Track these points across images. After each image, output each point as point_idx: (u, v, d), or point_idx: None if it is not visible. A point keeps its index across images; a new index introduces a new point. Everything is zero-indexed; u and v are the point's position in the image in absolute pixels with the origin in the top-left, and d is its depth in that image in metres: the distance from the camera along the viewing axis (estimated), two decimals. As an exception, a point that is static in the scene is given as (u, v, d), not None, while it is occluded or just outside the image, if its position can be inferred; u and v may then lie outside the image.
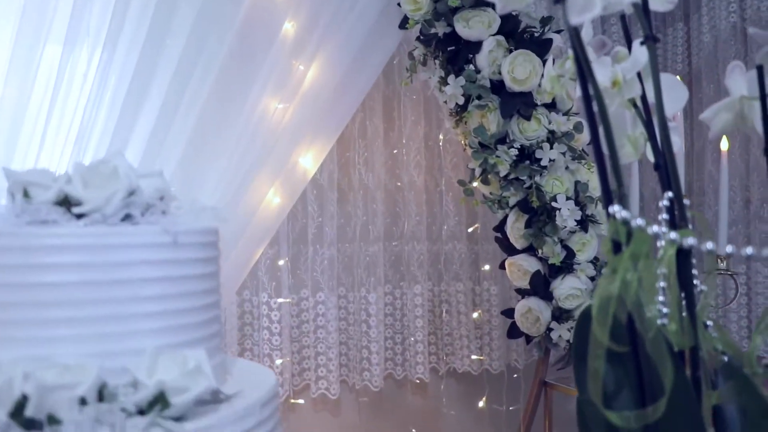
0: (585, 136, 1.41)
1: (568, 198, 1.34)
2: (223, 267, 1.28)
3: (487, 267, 1.66)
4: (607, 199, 0.46)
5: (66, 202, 0.50)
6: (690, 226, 0.56)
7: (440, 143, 1.63)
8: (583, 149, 1.41)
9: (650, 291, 0.52)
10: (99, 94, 1.18)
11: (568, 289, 1.36)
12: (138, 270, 0.46)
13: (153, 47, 1.23)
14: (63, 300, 0.43)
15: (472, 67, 1.35)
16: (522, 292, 1.42)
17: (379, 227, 1.56)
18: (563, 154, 1.36)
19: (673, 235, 0.44)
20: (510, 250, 1.44)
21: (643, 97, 0.63)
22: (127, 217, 0.49)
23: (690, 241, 0.44)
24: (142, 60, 1.22)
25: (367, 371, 1.54)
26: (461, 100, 1.35)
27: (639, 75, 0.62)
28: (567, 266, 1.37)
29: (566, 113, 1.39)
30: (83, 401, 0.40)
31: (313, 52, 1.33)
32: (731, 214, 1.67)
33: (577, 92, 0.57)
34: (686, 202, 0.56)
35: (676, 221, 0.55)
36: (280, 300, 1.47)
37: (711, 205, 1.73)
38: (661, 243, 0.48)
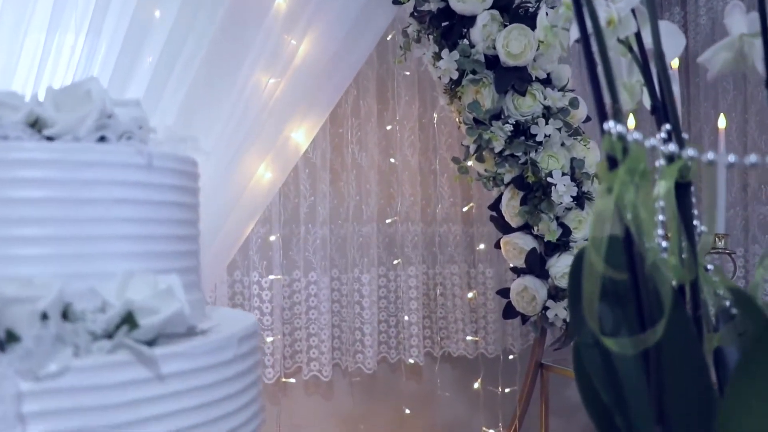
0: (581, 112, 1.39)
1: (563, 174, 1.32)
2: (214, 243, 1.27)
3: (482, 246, 1.64)
4: (601, 115, 0.44)
5: (36, 124, 0.48)
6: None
7: (434, 123, 1.61)
8: (578, 126, 1.39)
9: (649, 223, 0.50)
10: (86, 70, 1.17)
11: (564, 267, 1.34)
12: (109, 190, 0.43)
13: (142, 22, 1.21)
14: (27, 217, 0.41)
15: (466, 41, 1.33)
16: (517, 271, 1.40)
17: (373, 207, 1.54)
18: (559, 130, 1.35)
19: (672, 146, 0.42)
20: (505, 228, 1.42)
21: (640, 45, 0.61)
22: (101, 140, 0.47)
23: (690, 152, 0.41)
24: (130, 35, 1.20)
25: (360, 353, 1.52)
26: (455, 75, 1.33)
27: (634, 13, 0.60)
28: (563, 244, 1.35)
29: (562, 89, 1.38)
30: (45, 316, 0.38)
31: (305, 27, 1.31)
32: (729, 196, 1.65)
33: (573, 35, 0.55)
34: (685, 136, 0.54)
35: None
36: (271, 277, 1.45)
37: (709, 189, 1.71)
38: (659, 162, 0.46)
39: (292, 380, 1.49)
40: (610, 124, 0.44)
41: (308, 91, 1.33)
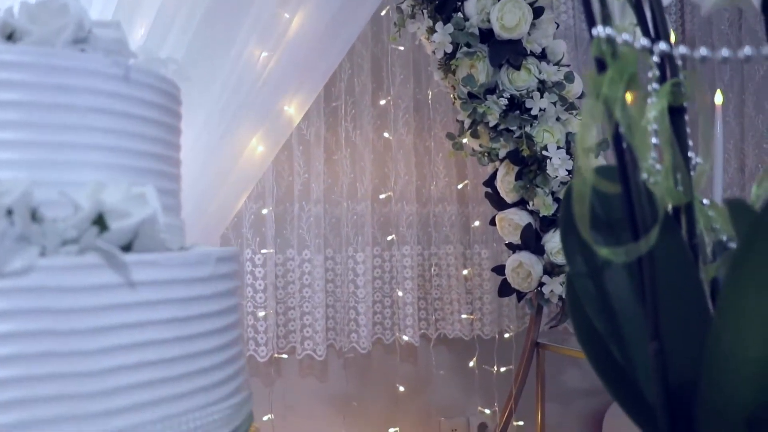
0: (576, 87, 1.38)
1: (559, 148, 1.30)
2: (206, 215, 1.26)
3: (477, 223, 1.62)
4: (590, 21, 0.43)
5: (12, 37, 0.47)
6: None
7: (429, 101, 1.60)
8: (574, 101, 1.38)
9: (642, 143, 0.49)
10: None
11: (559, 242, 1.32)
12: (84, 97, 0.42)
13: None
14: (-2, 120, 0.39)
15: (460, 15, 1.32)
16: (513, 247, 1.38)
17: (367, 185, 1.52)
18: (554, 104, 1.33)
19: (662, 45, 0.41)
20: (500, 205, 1.41)
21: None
22: (76, 54, 0.45)
23: (682, 49, 0.40)
24: (120, 6, 1.19)
25: (354, 333, 1.50)
26: (449, 49, 1.32)
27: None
28: (558, 219, 1.33)
29: (557, 64, 1.37)
30: (10, 212, 0.36)
31: (298, 1, 1.30)
32: (726, 177, 1.64)
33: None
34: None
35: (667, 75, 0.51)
36: (264, 251, 1.43)
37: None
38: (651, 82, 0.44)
39: (285, 356, 1.47)
40: (599, 29, 0.42)
41: (301, 64, 1.32)
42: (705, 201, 0.59)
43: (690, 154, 0.56)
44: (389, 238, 1.55)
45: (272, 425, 1.45)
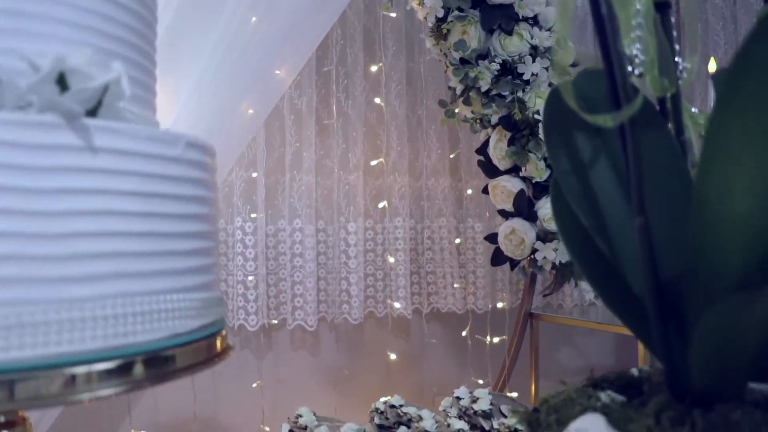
0: (568, 54, 1.37)
1: (551, 112, 1.29)
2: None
3: (469, 191, 1.61)
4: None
5: None
6: None
7: (422, 72, 1.59)
8: (567, 68, 1.37)
9: (626, 29, 0.48)
10: None
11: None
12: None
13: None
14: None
15: (452, -21, 1.32)
16: (505, 215, 1.37)
17: (359, 156, 1.51)
18: (546, 69, 1.32)
19: None
20: (493, 172, 1.39)
21: None
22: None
23: None
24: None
25: (346, 304, 1.48)
26: (441, 13, 1.31)
27: None
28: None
29: (549, 29, 1.36)
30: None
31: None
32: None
33: None
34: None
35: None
36: (253, 215, 1.41)
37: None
38: None
39: (275, 321, 1.45)
40: None
41: (293, 29, 1.31)
42: (694, 110, 0.57)
43: (677, 59, 0.55)
44: (381, 205, 1.54)
45: (262, 394, 1.43)
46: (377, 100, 1.55)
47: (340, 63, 1.52)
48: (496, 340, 1.49)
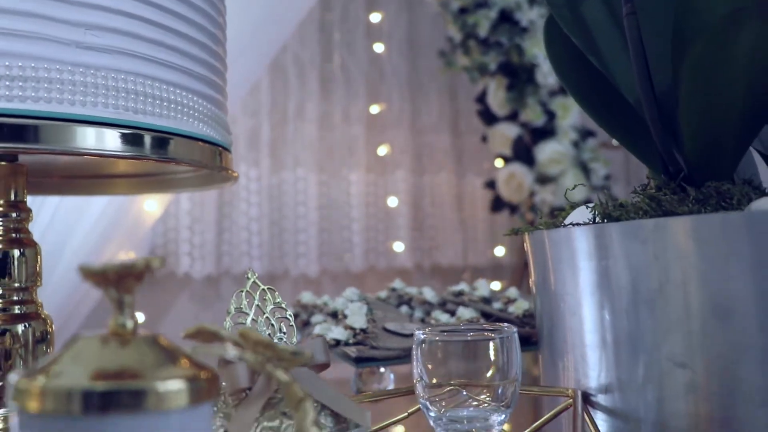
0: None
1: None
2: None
3: (469, 148, 1.63)
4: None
5: None
6: None
7: (423, 26, 1.62)
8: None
9: None
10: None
11: (550, 153, 1.33)
12: None
13: None
14: None
15: (451, -69, 1.35)
16: (504, 159, 1.39)
17: (362, 109, 1.53)
18: (543, 17, 1.35)
19: None
20: (492, 120, 1.42)
21: None
22: None
23: None
24: None
25: (348, 252, 1.49)
26: (441, -38, 1.35)
27: None
28: (549, 131, 1.35)
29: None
30: None
31: None
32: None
33: None
34: None
35: None
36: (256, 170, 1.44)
37: None
38: None
39: (279, 273, 1.46)
40: None
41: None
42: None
43: None
44: (381, 153, 1.55)
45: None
46: (380, 56, 1.57)
47: (342, 19, 1.55)
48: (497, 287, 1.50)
